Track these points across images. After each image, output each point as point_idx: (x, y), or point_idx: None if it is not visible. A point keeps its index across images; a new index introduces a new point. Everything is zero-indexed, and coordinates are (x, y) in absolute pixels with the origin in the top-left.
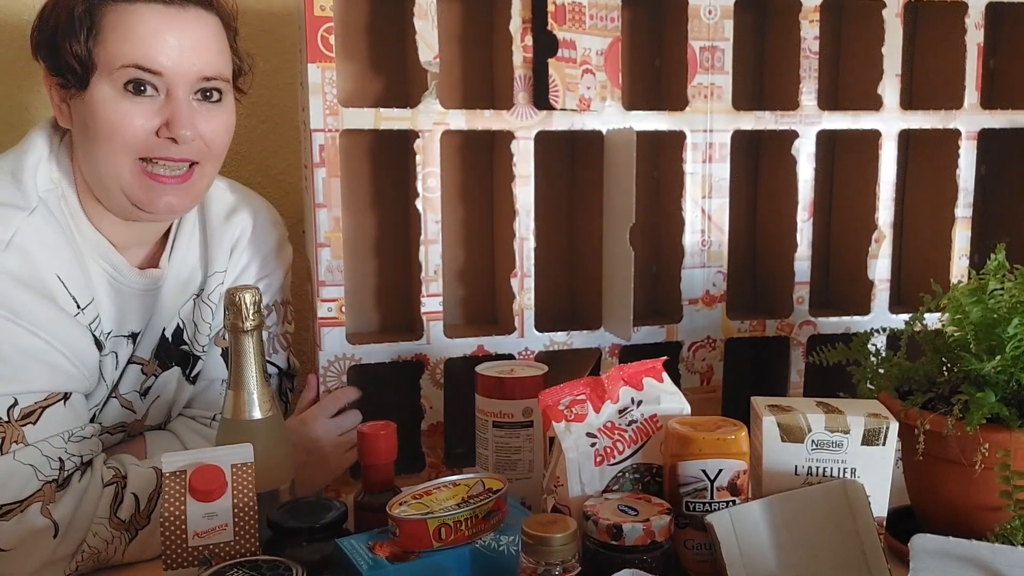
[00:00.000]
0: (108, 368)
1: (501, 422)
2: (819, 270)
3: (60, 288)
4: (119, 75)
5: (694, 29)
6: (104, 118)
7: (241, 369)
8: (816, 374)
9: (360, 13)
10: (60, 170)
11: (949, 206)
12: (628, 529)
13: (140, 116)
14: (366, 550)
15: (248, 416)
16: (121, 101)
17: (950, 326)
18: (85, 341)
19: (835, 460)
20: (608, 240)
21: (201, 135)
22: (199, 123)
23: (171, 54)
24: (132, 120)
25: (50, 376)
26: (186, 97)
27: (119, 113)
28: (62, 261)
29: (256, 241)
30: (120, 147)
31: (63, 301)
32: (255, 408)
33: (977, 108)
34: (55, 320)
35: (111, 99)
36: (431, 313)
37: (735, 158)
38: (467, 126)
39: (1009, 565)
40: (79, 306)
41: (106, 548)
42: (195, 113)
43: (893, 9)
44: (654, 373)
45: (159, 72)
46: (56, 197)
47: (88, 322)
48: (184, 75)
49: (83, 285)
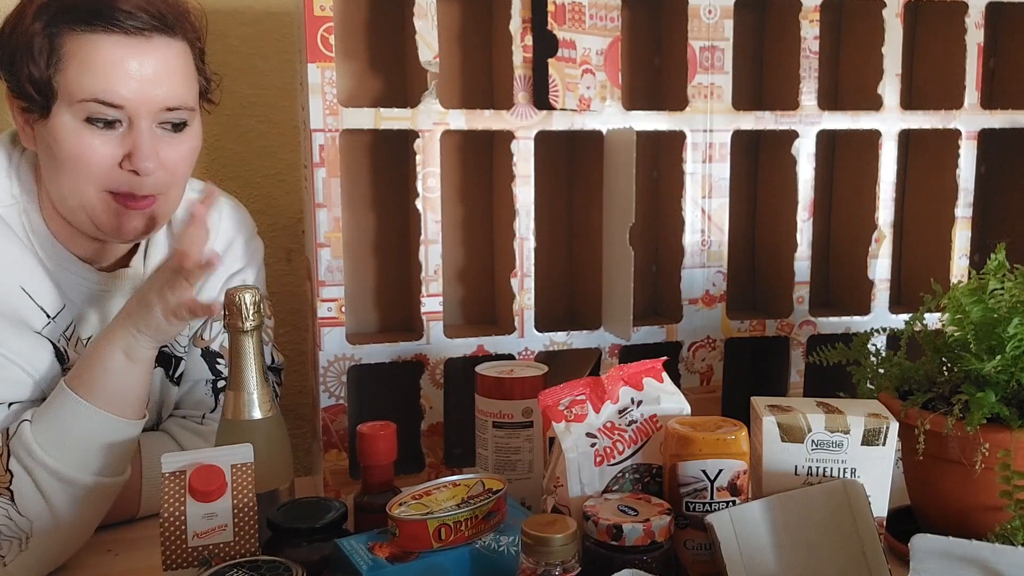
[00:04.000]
0: None
1: (501, 422)
2: (819, 270)
3: (25, 301)
4: (79, 108)
5: (694, 29)
6: (67, 148)
7: (241, 369)
8: (816, 374)
9: (360, 13)
10: (21, 185)
11: (949, 206)
12: (628, 529)
13: (102, 147)
14: (366, 550)
15: (248, 416)
16: (83, 132)
17: (950, 326)
18: (47, 355)
19: (835, 460)
20: (608, 240)
21: (164, 164)
22: (162, 151)
23: (132, 86)
24: (95, 151)
25: (6, 388)
26: (149, 127)
27: (81, 144)
28: (25, 272)
29: (223, 237)
30: (84, 176)
31: (29, 314)
32: (255, 408)
33: (977, 108)
34: (15, 336)
35: (73, 130)
36: (431, 313)
37: (735, 158)
38: (467, 126)
39: (1009, 565)
40: (49, 316)
41: (7, 522)
42: (158, 141)
43: (893, 9)
44: (654, 373)
45: (120, 105)
46: (16, 212)
47: (61, 331)
48: (146, 106)
49: (52, 293)
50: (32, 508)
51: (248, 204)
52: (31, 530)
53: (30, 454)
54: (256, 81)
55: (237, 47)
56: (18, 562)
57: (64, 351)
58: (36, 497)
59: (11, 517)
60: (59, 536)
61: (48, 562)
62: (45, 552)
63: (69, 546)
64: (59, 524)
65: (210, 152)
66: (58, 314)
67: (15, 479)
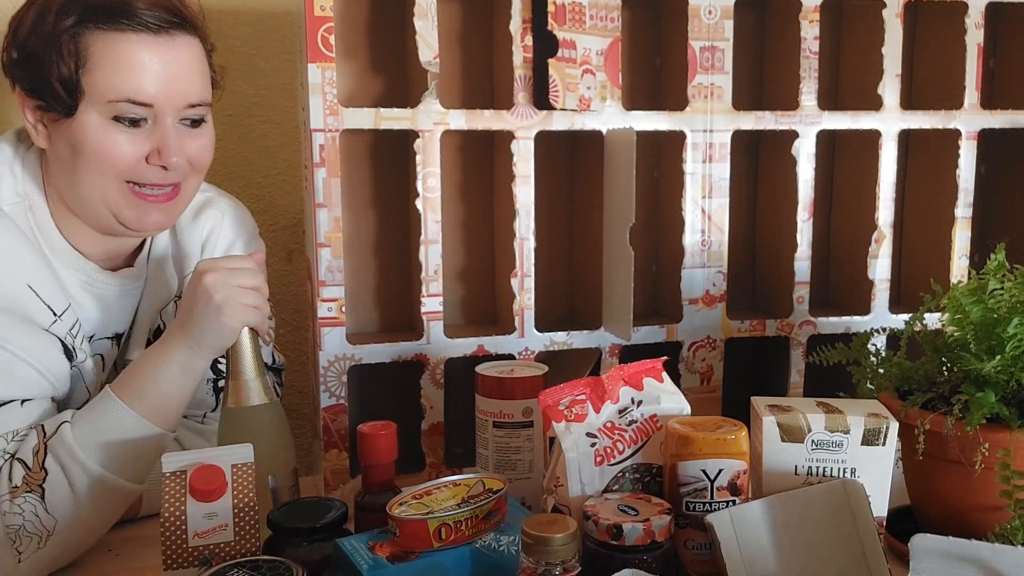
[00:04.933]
0: (89, 371)
1: (501, 422)
2: (819, 270)
3: (32, 298)
4: (109, 108)
5: (694, 29)
6: (93, 145)
7: (238, 358)
8: (816, 374)
9: (360, 13)
10: (27, 183)
11: (949, 206)
12: (628, 529)
13: (129, 144)
14: (366, 550)
15: (248, 403)
16: (110, 130)
17: (950, 326)
18: (55, 351)
19: (835, 460)
20: (608, 240)
21: (187, 157)
22: (185, 145)
23: (159, 84)
24: (122, 148)
25: (15, 385)
26: (173, 123)
27: (108, 141)
28: (32, 270)
29: (226, 237)
30: (109, 171)
31: (36, 311)
32: (254, 395)
33: (977, 108)
34: (22, 333)
35: (100, 127)
36: (431, 313)
37: (735, 158)
38: (467, 126)
39: (1009, 565)
40: (55, 313)
41: (33, 519)
42: (182, 137)
43: (893, 9)
44: (654, 373)
45: (149, 104)
46: (22, 210)
47: (67, 329)
48: (172, 103)
49: (58, 292)
50: (60, 508)
51: (248, 204)
52: (54, 529)
53: (71, 455)
54: (257, 81)
55: (238, 47)
56: (33, 559)
57: (72, 348)
58: (67, 497)
59: (38, 514)
60: (77, 537)
61: (59, 561)
62: (61, 551)
63: (82, 547)
64: (81, 525)
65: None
66: (64, 312)
67: (49, 477)
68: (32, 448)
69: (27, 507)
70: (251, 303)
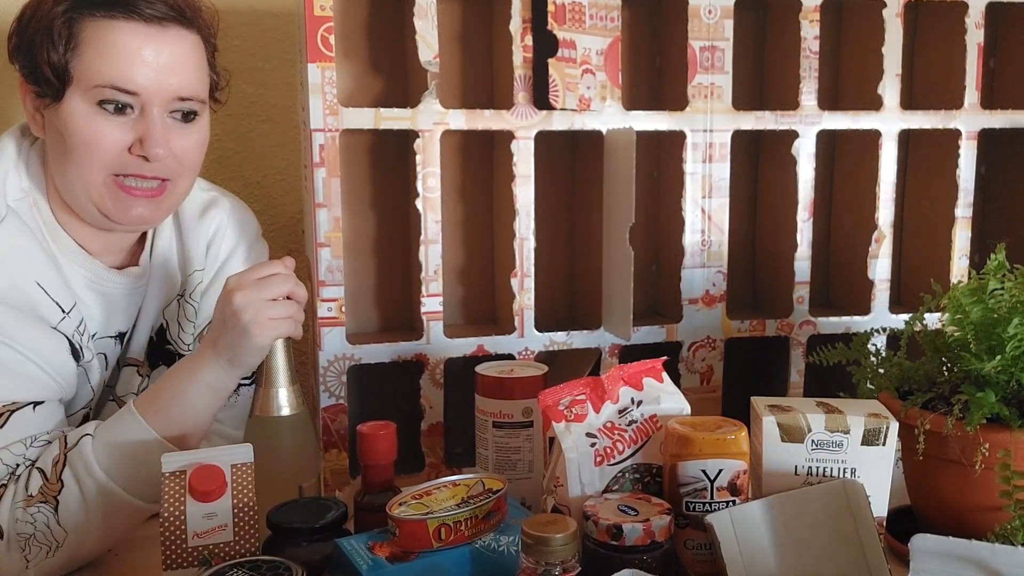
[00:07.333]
0: (95, 370)
1: (501, 422)
2: (819, 270)
3: (41, 295)
4: (94, 93)
5: (694, 29)
6: (78, 132)
7: (270, 367)
8: (816, 374)
9: (360, 13)
10: (31, 178)
11: (949, 206)
12: (628, 529)
13: (113, 133)
14: (366, 550)
15: (276, 413)
16: (95, 117)
17: (950, 326)
18: (62, 351)
19: (835, 460)
20: (608, 240)
21: (174, 152)
22: (172, 140)
23: (147, 73)
24: (105, 137)
25: (23, 385)
26: (161, 115)
27: (92, 129)
28: (39, 267)
29: (232, 237)
30: (92, 161)
31: (45, 308)
32: (284, 405)
33: (977, 108)
34: (30, 332)
35: (85, 114)
36: (431, 313)
37: (735, 158)
38: (467, 126)
39: (1009, 565)
40: (64, 311)
41: (44, 530)
42: (169, 130)
43: (893, 9)
44: (654, 373)
45: (135, 92)
46: (27, 205)
47: (74, 327)
48: (160, 94)
49: (64, 289)
50: (72, 521)
51: (248, 204)
52: (63, 541)
53: (88, 470)
54: (257, 81)
55: (239, 47)
56: (40, 567)
57: (79, 347)
58: (80, 512)
59: (49, 525)
60: (86, 549)
61: (65, 569)
62: (68, 561)
63: (90, 558)
64: (91, 539)
65: (211, 152)
66: (71, 309)
67: (64, 490)
68: (53, 459)
69: (40, 517)
70: (282, 315)
